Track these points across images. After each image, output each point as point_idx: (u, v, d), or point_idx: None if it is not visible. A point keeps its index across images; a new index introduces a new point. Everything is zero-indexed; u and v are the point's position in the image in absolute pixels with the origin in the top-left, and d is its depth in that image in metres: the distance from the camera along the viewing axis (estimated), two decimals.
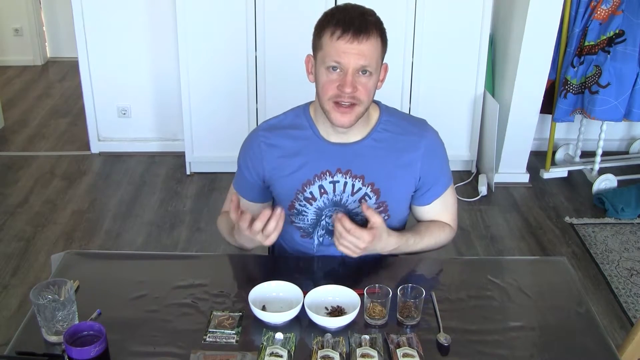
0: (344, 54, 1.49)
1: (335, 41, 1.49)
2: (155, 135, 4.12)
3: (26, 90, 5.27)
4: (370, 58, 1.50)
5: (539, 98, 3.54)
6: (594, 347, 1.40)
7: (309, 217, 1.69)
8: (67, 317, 1.35)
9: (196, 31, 3.49)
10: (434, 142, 1.68)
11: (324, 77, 1.54)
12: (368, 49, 1.49)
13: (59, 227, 3.26)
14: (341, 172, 1.64)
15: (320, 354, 1.31)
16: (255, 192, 1.72)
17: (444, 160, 1.72)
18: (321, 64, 1.54)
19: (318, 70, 1.56)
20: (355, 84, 1.51)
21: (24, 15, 5.68)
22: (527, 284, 1.60)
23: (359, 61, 1.49)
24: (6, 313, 2.62)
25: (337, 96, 1.52)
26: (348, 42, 1.48)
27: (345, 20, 1.49)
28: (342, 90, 1.51)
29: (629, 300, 2.75)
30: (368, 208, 1.51)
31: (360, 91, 1.52)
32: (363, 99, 1.54)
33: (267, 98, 3.61)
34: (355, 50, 1.48)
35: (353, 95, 1.51)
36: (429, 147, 1.66)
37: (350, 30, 1.48)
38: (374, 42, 1.50)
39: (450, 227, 1.75)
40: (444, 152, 1.72)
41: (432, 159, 1.67)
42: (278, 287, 1.50)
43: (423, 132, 1.67)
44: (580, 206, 3.55)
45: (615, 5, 3.33)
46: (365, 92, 1.53)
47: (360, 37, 1.48)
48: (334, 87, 1.52)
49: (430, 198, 1.71)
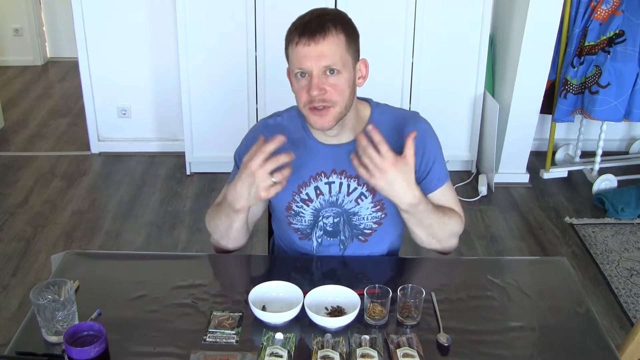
0: (304, 58, 1.48)
1: (295, 47, 1.49)
2: (155, 136, 4.12)
3: (26, 90, 5.28)
4: (332, 56, 1.48)
5: (539, 98, 3.54)
6: (594, 347, 1.40)
7: (306, 218, 1.69)
8: (67, 317, 1.35)
9: (196, 31, 3.49)
10: (425, 133, 1.64)
11: (295, 85, 1.55)
12: (328, 48, 1.48)
13: (59, 227, 3.27)
14: (336, 172, 1.64)
15: (320, 354, 1.31)
16: None
17: (438, 149, 1.67)
18: (291, 73, 1.55)
19: (291, 80, 1.57)
20: (322, 85, 1.49)
21: (24, 15, 5.68)
22: (527, 284, 1.60)
23: (320, 62, 1.48)
24: (6, 313, 2.62)
25: (309, 102, 1.52)
26: (306, 46, 1.48)
27: (302, 25, 1.50)
28: (310, 95, 1.50)
29: (629, 300, 2.75)
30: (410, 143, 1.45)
31: (330, 92, 1.50)
32: (336, 99, 1.51)
33: (267, 98, 3.61)
34: (315, 52, 1.47)
35: (323, 97, 1.50)
36: (420, 139, 1.60)
37: (306, 34, 1.48)
38: (334, 40, 1.48)
39: (459, 215, 1.68)
40: (437, 141, 1.67)
41: (426, 148, 1.63)
42: (278, 287, 1.50)
43: (415, 125, 1.64)
44: (580, 206, 3.55)
45: (615, 6, 3.33)
46: (335, 92, 1.51)
47: (316, 37, 1.47)
48: (304, 93, 1.52)
49: (429, 188, 1.65)
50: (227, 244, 1.67)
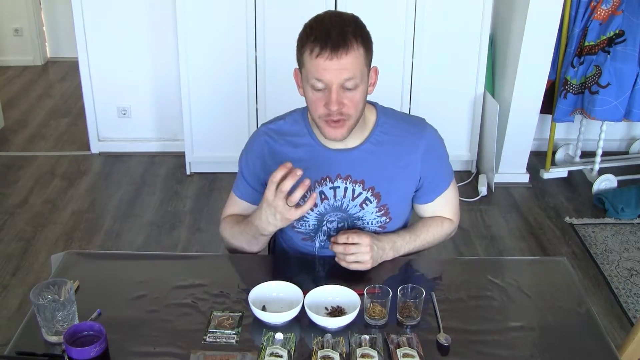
0: (325, 71, 1.44)
1: (315, 59, 1.44)
2: (155, 135, 4.12)
3: (26, 90, 5.28)
4: (353, 70, 1.45)
5: (539, 98, 3.54)
6: (594, 347, 1.40)
7: (310, 223, 1.69)
8: (67, 317, 1.35)
9: (196, 31, 3.49)
10: (433, 141, 1.68)
11: (310, 95, 1.51)
12: (350, 62, 1.44)
13: (59, 227, 3.26)
14: (341, 177, 1.64)
15: (320, 354, 1.31)
16: (256, 195, 1.70)
17: (444, 158, 1.72)
18: (306, 81, 1.51)
19: (304, 87, 1.53)
20: (341, 99, 1.48)
21: (24, 15, 5.68)
22: (527, 284, 1.60)
23: (341, 76, 1.45)
24: (6, 313, 2.62)
25: (326, 115, 1.50)
26: (327, 59, 1.43)
27: (322, 35, 1.43)
28: (328, 109, 1.48)
29: (629, 300, 2.75)
30: (342, 241, 1.56)
31: (348, 106, 1.49)
32: (352, 113, 1.51)
33: (267, 98, 3.61)
34: (336, 66, 1.44)
35: (341, 111, 1.49)
36: (428, 147, 1.66)
37: (328, 46, 1.42)
38: (355, 53, 1.45)
39: (450, 221, 1.75)
40: (444, 149, 1.71)
41: (432, 158, 1.67)
42: (278, 287, 1.50)
43: (421, 132, 1.66)
44: (580, 206, 3.55)
45: (615, 6, 3.33)
46: (353, 106, 1.50)
47: (339, 52, 1.42)
48: (321, 106, 1.49)
49: (432, 196, 1.71)
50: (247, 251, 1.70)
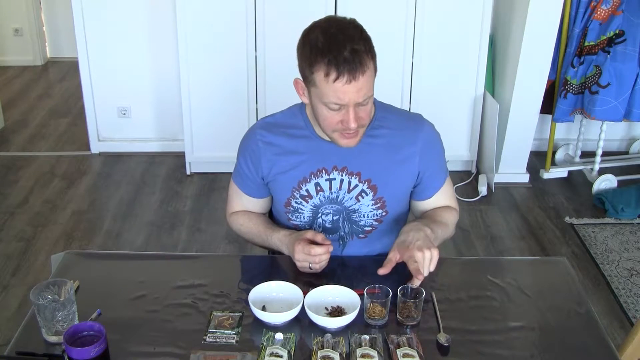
0: (344, 94, 1.45)
1: (331, 84, 1.43)
2: (155, 136, 4.12)
3: (26, 90, 5.28)
4: (368, 87, 1.47)
5: (539, 98, 3.54)
6: (594, 347, 1.40)
7: (305, 215, 1.69)
8: (67, 317, 1.35)
9: (196, 31, 3.49)
10: (431, 136, 1.68)
11: (324, 112, 1.51)
12: (365, 81, 1.45)
13: (59, 227, 3.26)
14: (337, 169, 1.64)
15: (320, 354, 1.31)
16: (254, 187, 1.72)
17: (442, 152, 1.73)
18: (317, 99, 1.50)
19: (314, 101, 1.52)
20: (357, 114, 1.49)
21: (24, 15, 5.68)
22: (527, 284, 1.60)
23: (359, 96, 1.46)
24: (6, 313, 2.62)
25: (343, 129, 1.51)
26: (346, 84, 1.43)
27: (337, 60, 1.42)
28: (347, 126, 1.49)
29: (629, 300, 2.75)
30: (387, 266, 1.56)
31: (363, 118, 1.52)
32: (366, 123, 1.56)
33: (267, 98, 3.61)
34: (354, 89, 1.44)
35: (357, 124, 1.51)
36: (426, 141, 1.66)
37: (345, 71, 1.42)
38: (370, 72, 1.46)
39: (455, 210, 1.77)
40: (441, 144, 1.72)
41: (431, 152, 1.67)
42: (278, 287, 1.50)
43: (420, 126, 1.67)
44: (580, 206, 3.55)
45: (615, 6, 3.33)
46: (367, 117, 1.54)
47: (356, 74, 1.42)
48: (336, 122, 1.50)
49: (431, 192, 1.71)
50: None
